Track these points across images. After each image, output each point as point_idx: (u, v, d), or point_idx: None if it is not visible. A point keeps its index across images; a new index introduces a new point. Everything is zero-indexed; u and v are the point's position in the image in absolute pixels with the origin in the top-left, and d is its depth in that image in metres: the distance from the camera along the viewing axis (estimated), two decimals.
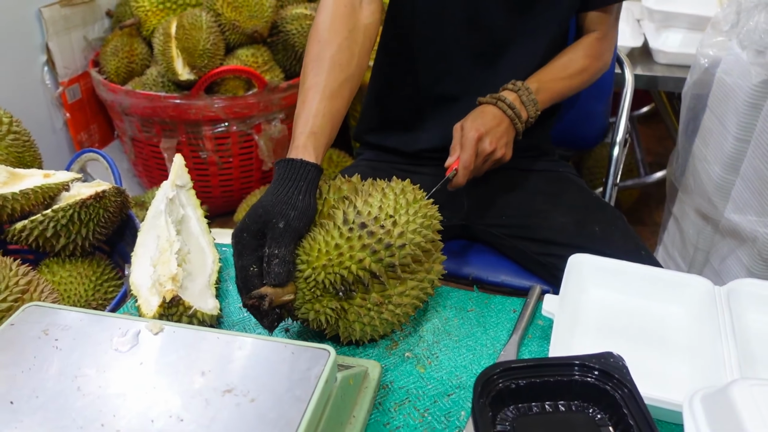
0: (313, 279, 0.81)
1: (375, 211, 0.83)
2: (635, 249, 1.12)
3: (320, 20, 1.02)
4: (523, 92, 1.12)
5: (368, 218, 0.82)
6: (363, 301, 0.84)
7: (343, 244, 0.81)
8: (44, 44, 2.20)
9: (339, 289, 0.82)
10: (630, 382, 0.63)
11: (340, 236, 0.81)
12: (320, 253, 0.81)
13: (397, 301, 0.86)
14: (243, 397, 0.62)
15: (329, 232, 0.82)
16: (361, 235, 0.81)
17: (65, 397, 0.63)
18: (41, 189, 1.17)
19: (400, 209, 0.84)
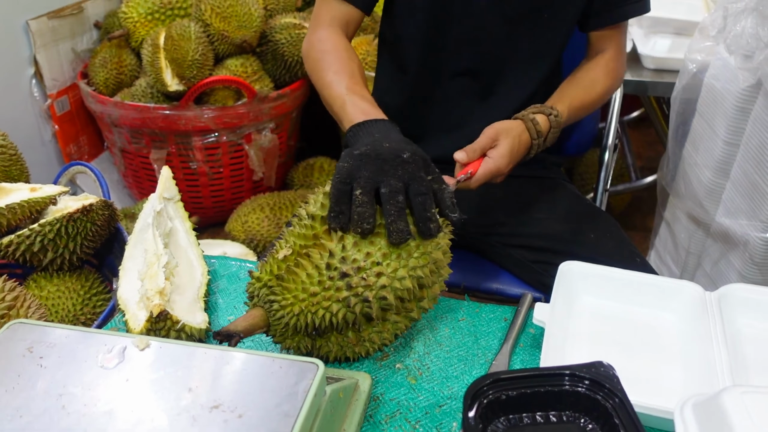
0: (285, 322, 0.78)
1: (360, 258, 0.77)
2: (630, 256, 1.12)
3: (328, 43, 1.14)
4: (554, 120, 1.10)
5: (352, 266, 0.77)
6: (336, 339, 0.82)
7: (319, 291, 0.77)
8: (32, 56, 2.19)
9: (310, 331, 0.79)
10: (621, 392, 0.62)
11: (319, 283, 0.77)
12: (296, 299, 0.77)
13: (374, 338, 0.84)
14: (230, 413, 0.61)
15: (310, 275, 0.77)
16: (340, 287, 0.76)
17: (50, 416, 0.62)
18: (28, 203, 1.16)
19: (391, 254, 0.78)
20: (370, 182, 0.79)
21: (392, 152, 0.81)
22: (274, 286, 0.79)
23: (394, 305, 0.80)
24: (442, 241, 0.84)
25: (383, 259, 0.78)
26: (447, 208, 0.83)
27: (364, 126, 0.95)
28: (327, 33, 1.16)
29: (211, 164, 2.28)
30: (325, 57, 1.12)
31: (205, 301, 0.97)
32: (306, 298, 0.77)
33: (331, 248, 0.78)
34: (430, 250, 0.81)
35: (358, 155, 0.82)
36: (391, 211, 0.77)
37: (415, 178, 0.80)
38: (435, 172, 0.84)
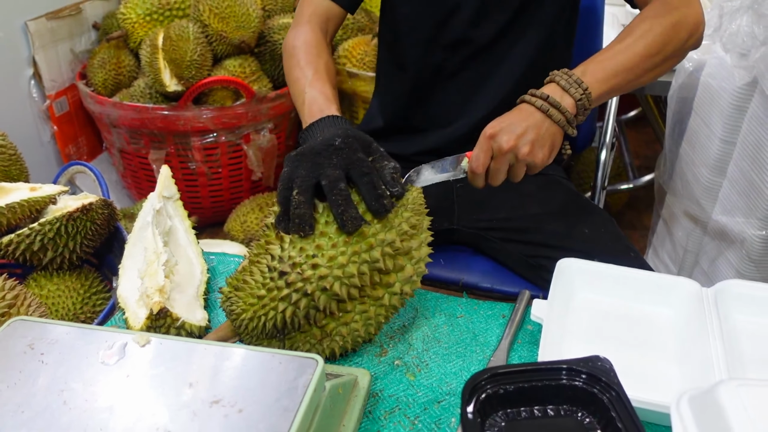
0: (244, 327, 0.81)
1: (296, 254, 0.78)
2: (624, 251, 1.13)
3: (300, 38, 1.15)
4: (560, 77, 0.97)
5: (288, 263, 0.77)
6: (303, 335, 0.82)
7: (265, 294, 0.78)
8: (31, 57, 2.19)
9: (273, 333, 0.81)
10: (617, 385, 0.63)
11: (264, 285, 0.78)
12: (246, 305, 0.79)
13: (343, 331, 0.82)
14: (231, 408, 0.62)
15: (256, 280, 0.79)
16: (280, 286, 0.77)
17: (51, 412, 0.62)
18: (28, 202, 1.16)
19: (325, 246, 0.78)
20: (307, 180, 0.79)
21: (324, 143, 0.81)
22: (232, 296, 0.81)
23: (347, 294, 0.79)
24: (404, 223, 0.82)
25: (317, 251, 0.77)
26: (387, 183, 0.80)
27: (312, 127, 0.97)
28: (302, 29, 1.16)
29: (210, 164, 2.29)
30: (294, 53, 1.13)
31: (204, 298, 0.97)
32: (255, 303, 0.79)
33: (272, 251, 0.80)
34: (382, 235, 0.79)
35: (295, 156, 0.82)
36: (337, 201, 0.77)
37: (353, 161, 0.79)
38: (377, 151, 0.83)
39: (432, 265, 0.96)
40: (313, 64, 1.10)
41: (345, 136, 0.81)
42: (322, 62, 1.11)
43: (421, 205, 0.86)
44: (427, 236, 0.87)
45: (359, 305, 0.82)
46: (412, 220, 0.83)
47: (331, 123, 0.96)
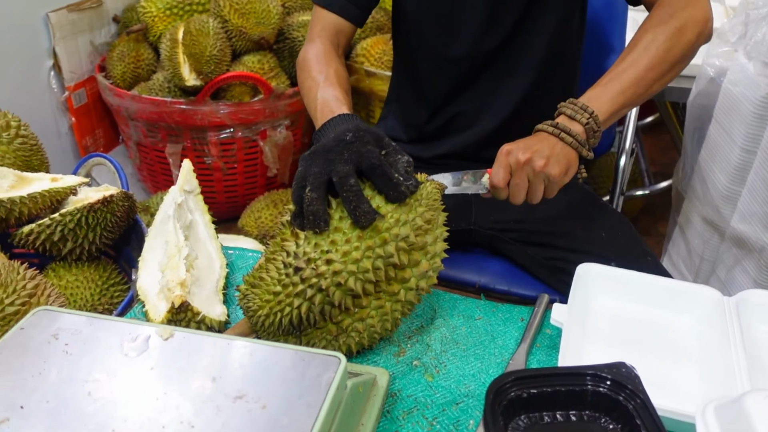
0: (260, 324, 0.81)
1: (310, 250, 0.78)
2: (642, 254, 1.12)
3: (311, 53, 1.19)
4: (566, 107, 1.00)
5: (303, 259, 0.78)
6: (319, 332, 0.83)
7: (281, 290, 0.79)
8: (51, 49, 2.21)
9: (289, 330, 0.81)
10: (643, 393, 0.62)
11: (279, 282, 0.79)
12: (262, 301, 0.80)
13: (359, 327, 0.83)
14: (254, 403, 0.62)
15: (272, 277, 0.80)
16: (296, 282, 0.78)
17: (76, 402, 0.62)
18: (49, 193, 1.17)
19: (339, 241, 0.78)
20: (319, 177, 0.79)
21: (336, 139, 0.81)
22: (248, 293, 0.82)
23: (362, 289, 0.79)
24: (418, 218, 0.82)
25: (332, 246, 0.78)
26: (401, 175, 0.81)
27: (324, 126, 0.99)
28: (313, 44, 1.20)
29: (226, 159, 2.29)
30: (306, 65, 1.17)
31: (223, 293, 0.97)
32: (271, 299, 0.80)
33: (287, 248, 0.80)
34: (396, 230, 0.79)
35: (308, 155, 0.82)
36: (348, 197, 0.77)
37: (363, 155, 0.79)
38: (389, 145, 0.83)
39: (449, 266, 0.96)
40: (323, 72, 1.13)
41: (356, 130, 0.81)
42: (332, 69, 1.14)
43: (436, 200, 0.86)
44: (443, 231, 0.87)
45: (375, 301, 0.82)
46: (426, 215, 0.83)
47: (343, 121, 0.97)
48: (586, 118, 0.98)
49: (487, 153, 1.29)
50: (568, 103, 1.01)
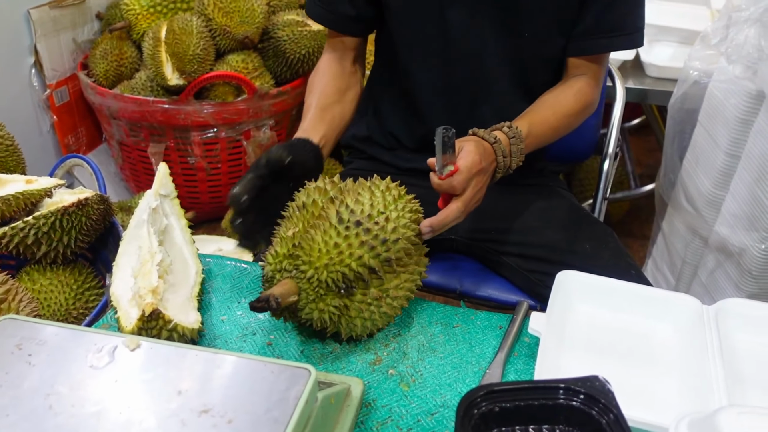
0: (316, 279, 0.83)
1: (367, 209, 0.86)
2: (626, 268, 1.11)
3: (312, 74, 1.23)
4: (515, 141, 1.05)
5: (362, 216, 0.85)
6: (363, 297, 0.86)
7: (341, 242, 0.83)
8: (32, 46, 2.18)
9: (341, 286, 0.84)
10: (616, 407, 0.62)
11: (338, 235, 0.84)
12: (321, 253, 0.83)
13: (393, 294, 0.89)
14: (220, 418, 0.60)
15: (326, 231, 0.84)
16: (358, 233, 0.84)
17: (37, 416, 0.61)
18: (23, 195, 1.15)
19: (389, 205, 0.87)
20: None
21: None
22: (295, 253, 0.85)
23: (405, 249, 0.88)
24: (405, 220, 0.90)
25: (385, 209, 0.87)
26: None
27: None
28: (323, 61, 1.24)
29: (209, 159, 2.27)
30: (307, 91, 1.21)
31: (198, 300, 0.96)
32: (330, 250, 0.83)
33: (337, 209, 0.86)
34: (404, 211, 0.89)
35: None
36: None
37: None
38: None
39: (430, 272, 0.97)
40: (319, 88, 1.19)
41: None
42: (319, 89, 1.19)
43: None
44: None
45: (402, 273, 0.90)
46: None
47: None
48: (516, 162, 1.06)
49: None
50: (518, 134, 1.05)
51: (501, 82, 1.20)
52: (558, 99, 1.17)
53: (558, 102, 1.16)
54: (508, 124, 1.06)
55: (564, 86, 1.19)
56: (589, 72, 1.20)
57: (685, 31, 1.97)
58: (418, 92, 1.24)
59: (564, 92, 1.18)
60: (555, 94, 1.18)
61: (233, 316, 0.97)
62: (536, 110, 1.15)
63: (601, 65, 1.22)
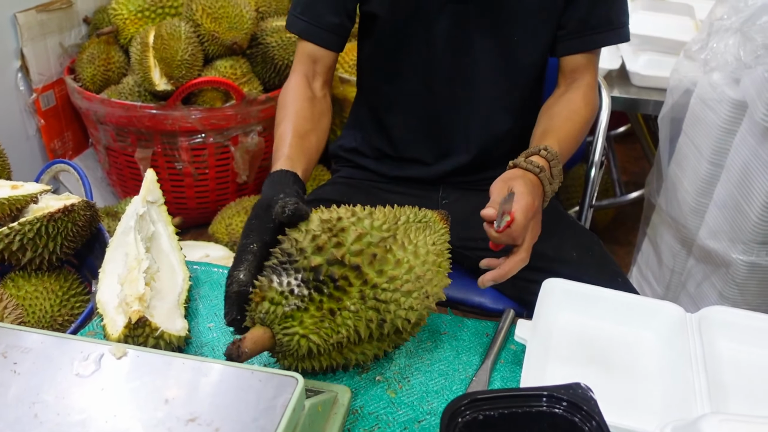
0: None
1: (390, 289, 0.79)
2: (612, 275, 1.13)
3: (283, 93, 1.18)
4: (555, 163, 1.04)
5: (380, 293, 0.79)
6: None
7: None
8: (19, 50, 2.17)
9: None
10: (598, 414, 0.62)
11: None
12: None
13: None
14: (207, 426, 0.60)
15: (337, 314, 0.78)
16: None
17: (22, 425, 0.61)
18: (8, 201, 1.14)
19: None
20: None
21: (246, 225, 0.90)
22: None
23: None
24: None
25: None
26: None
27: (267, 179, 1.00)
28: (293, 81, 1.19)
29: (197, 165, 2.26)
30: (280, 111, 1.15)
31: (185, 307, 0.96)
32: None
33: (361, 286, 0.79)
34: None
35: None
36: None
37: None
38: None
39: None
40: (286, 114, 1.13)
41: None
42: (294, 110, 1.13)
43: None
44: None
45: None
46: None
47: (273, 180, 0.97)
48: (555, 189, 1.04)
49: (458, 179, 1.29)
50: (556, 158, 1.04)
51: (486, 91, 1.21)
52: (572, 109, 1.16)
53: (574, 112, 1.15)
54: (544, 147, 1.04)
55: (571, 94, 1.18)
56: (587, 73, 1.20)
57: (670, 41, 1.99)
58: (403, 102, 1.25)
59: (574, 101, 1.17)
60: (566, 104, 1.17)
61: (220, 324, 0.96)
62: (557, 125, 1.13)
63: (596, 64, 1.22)
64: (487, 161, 1.27)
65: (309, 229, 0.81)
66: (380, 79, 1.27)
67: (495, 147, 1.25)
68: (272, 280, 0.78)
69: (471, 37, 1.16)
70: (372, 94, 1.31)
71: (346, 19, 1.19)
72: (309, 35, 1.20)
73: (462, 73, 1.19)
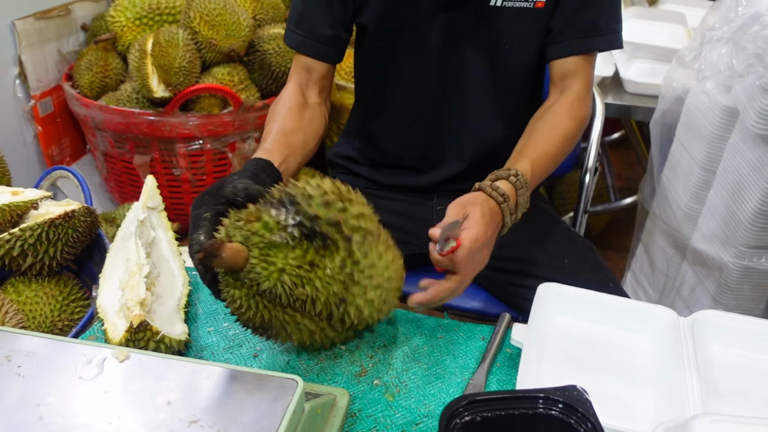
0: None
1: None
2: (604, 281, 1.14)
3: (275, 102, 1.19)
4: (522, 192, 1.01)
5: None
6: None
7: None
8: (17, 57, 2.18)
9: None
10: (594, 416, 0.64)
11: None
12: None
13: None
14: (209, 428, 0.62)
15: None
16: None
17: (27, 427, 0.62)
18: (9, 207, 1.15)
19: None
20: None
21: None
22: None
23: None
24: None
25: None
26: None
27: None
28: (287, 91, 1.20)
29: (195, 171, 2.27)
30: (269, 117, 1.16)
31: (185, 311, 0.97)
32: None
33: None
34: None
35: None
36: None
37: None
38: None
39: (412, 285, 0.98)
40: (275, 120, 1.14)
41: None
42: (278, 122, 1.13)
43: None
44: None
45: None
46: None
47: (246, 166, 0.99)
48: (521, 213, 1.02)
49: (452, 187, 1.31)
50: (524, 183, 1.01)
51: (478, 99, 1.22)
52: (553, 123, 1.13)
53: (554, 127, 1.13)
54: (514, 172, 1.01)
55: (555, 106, 1.16)
56: (577, 80, 1.17)
57: (662, 49, 2.02)
58: (395, 111, 1.26)
59: (557, 114, 1.15)
60: (548, 119, 1.14)
61: (220, 328, 0.98)
62: (534, 144, 1.10)
63: (589, 70, 1.19)
64: (482, 169, 1.29)
65: (321, 185, 0.82)
66: (373, 88, 1.28)
67: (489, 155, 1.26)
68: (269, 210, 0.79)
69: (462, 45, 1.17)
70: (366, 102, 1.33)
71: (342, 31, 1.21)
72: (303, 48, 1.21)
73: (453, 81, 1.21)
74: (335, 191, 0.82)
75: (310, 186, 0.82)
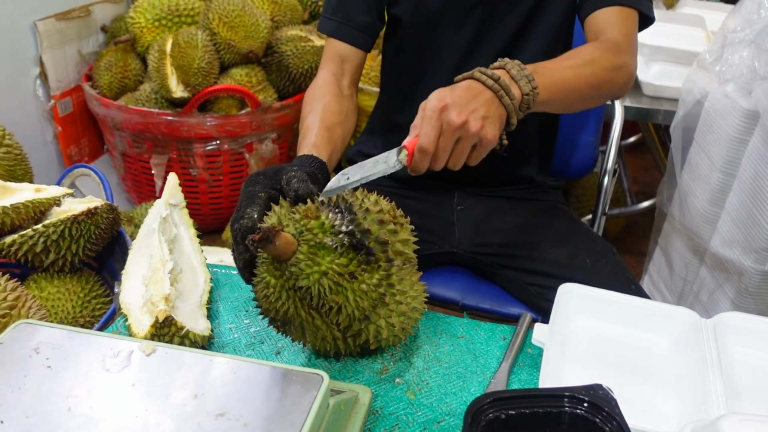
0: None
1: None
2: (625, 283, 1.14)
3: (311, 89, 1.19)
4: (512, 66, 0.91)
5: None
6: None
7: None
8: (38, 57, 2.20)
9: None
10: (619, 415, 0.63)
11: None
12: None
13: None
14: (236, 421, 0.62)
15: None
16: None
17: (56, 418, 0.62)
18: (32, 203, 1.16)
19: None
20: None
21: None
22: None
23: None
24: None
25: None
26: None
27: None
28: (318, 77, 1.21)
29: (211, 171, 2.29)
30: (306, 97, 1.17)
31: (207, 308, 0.97)
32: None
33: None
34: None
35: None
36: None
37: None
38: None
39: (432, 284, 0.98)
40: (313, 108, 1.13)
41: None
42: (321, 105, 1.13)
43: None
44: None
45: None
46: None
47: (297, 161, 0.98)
48: (528, 88, 0.91)
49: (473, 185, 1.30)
50: (514, 63, 0.92)
51: None
52: (575, 49, 1.07)
53: (571, 51, 1.07)
54: (499, 59, 0.94)
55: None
56: (609, 31, 1.10)
57: (681, 52, 2.00)
58: None
59: (584, 46, 1.08)
60: (582, 46, 1.08)
61: (241, 325, 0.98)
62: (545, 61, 1.02)
63: (622, 24, 1.11)
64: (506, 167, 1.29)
65: (379, 202, 0.84)
66: (403, 81, 1.28)
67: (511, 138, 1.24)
68: (328, 213, 0.80)
69: (494, 37, 1.17)
70: (394, 94, 1.32)
71: (376, 20, 1.22)
72: (340, 34, 1.22)
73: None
74: (391, 212, 0.84)
75: (369, 201, 0.83)
